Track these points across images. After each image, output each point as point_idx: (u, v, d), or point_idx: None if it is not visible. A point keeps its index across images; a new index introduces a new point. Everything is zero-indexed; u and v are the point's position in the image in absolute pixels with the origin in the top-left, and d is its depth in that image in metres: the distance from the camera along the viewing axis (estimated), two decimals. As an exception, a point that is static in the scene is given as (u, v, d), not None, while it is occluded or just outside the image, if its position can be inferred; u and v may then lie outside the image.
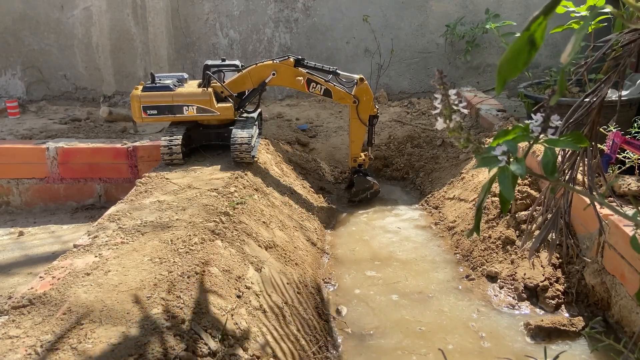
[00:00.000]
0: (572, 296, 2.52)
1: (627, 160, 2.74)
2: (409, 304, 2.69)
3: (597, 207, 1.98)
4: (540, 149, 2.95)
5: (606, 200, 2.02)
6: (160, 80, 3.59)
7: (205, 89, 3.51)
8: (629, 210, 2.41)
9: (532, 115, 0.90)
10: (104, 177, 4.02)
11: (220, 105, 3.51)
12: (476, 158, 0.90)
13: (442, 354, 2.12)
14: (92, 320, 1.72)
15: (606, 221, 2.32)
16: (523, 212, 2.98)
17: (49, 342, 1.62)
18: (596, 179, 1.86)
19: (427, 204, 3.95)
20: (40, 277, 2.03)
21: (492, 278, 2.79)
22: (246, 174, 3.31)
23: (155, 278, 1.97)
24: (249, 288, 2.17)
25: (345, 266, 3.11)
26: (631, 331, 2.19)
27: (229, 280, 2.10)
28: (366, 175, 3.96)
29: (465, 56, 5.74)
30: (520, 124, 0.88)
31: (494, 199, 3.24)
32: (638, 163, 2.72)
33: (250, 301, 2.10)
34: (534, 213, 2.69)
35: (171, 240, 2.28)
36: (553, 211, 1.89)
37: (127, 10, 5.66)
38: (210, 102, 3.47)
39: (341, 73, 3.67)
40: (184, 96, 3.49)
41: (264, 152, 3.91)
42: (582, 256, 2.50)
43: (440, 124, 0.93)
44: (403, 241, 3.40)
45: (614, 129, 2.67)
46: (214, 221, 2.50)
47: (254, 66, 3.61)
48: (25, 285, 2.53)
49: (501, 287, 2.70)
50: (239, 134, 3.38)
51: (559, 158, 1.87)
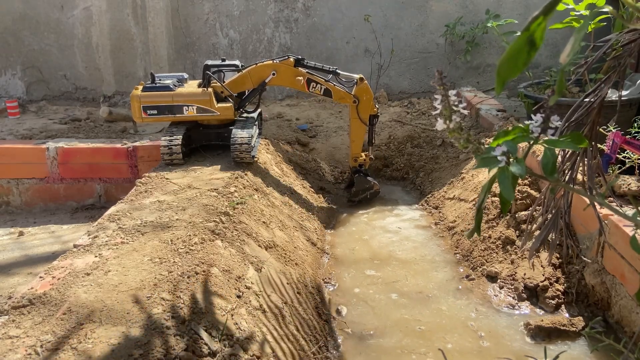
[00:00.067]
0: (572, 296, 2.52)
1: (627, 160, 2.73)
2: (408, 303, 2.69)
3: (597, 207, 1.98)
4: (540, 149, 2.95)
5: (606, 200, 2.02)
6: (160, 80, 3.59)
7: (205, 89, 3.51)
8: (629, 210, 2.41)
9: (532, 116, 0.90)
10: (104, 177, 4.02)
11: (220, 105, 3.51)
12: (476, 158, 0.90)
13: (442, 353, 2.12)
14: (92, 320, 1.72)
15: (606, 221, 2.32)
16: (523, 212, 2.98)
17: (49, 342, 1.62)
18: (596, 179, 1.86)
19: (427, 204, 3.95)
20: (40, 277, 2.03)
21: (492, 278, 2.79)
22: (246, 174, 3.31)
23: (155, 278, 1.97)
24: (249, 288, 2.17)
25: (345, 266, 3.12)
26: (631, 331, 2.19)
27: (229, 280, 2.10)
28: (367, 175, 3.96)
29: (465, 56, 5.74)
30: (520, 124, 0.88)
31: (494, 199, 3.24)
32: (638, 163, 2.72)
33: (250, 301, 2.10)
34: (534, 213, 2.69)
35: (171, 240, 2.29)
36: (553, 211, 1.89)
37: (127, 10, 5.66)
38: (210, 102, 3.47)
39: (341, 73, 3.67)
40: (184, 96, 3.49)
41: (264, 152, 3.91)
42: (582, 256, 2.50)
43: (440, 125, 0.93)
44: (403, 241, 3.40)
45: (614, 129, 2.66)
46: (214, 221, 2.50)
47: (254, 66, 3.61)
48: (25, 285, 2.53)
49: (501, 287, 2.71)
50: (239, 134, 3.38)
51: (559, 158, 1.87)
